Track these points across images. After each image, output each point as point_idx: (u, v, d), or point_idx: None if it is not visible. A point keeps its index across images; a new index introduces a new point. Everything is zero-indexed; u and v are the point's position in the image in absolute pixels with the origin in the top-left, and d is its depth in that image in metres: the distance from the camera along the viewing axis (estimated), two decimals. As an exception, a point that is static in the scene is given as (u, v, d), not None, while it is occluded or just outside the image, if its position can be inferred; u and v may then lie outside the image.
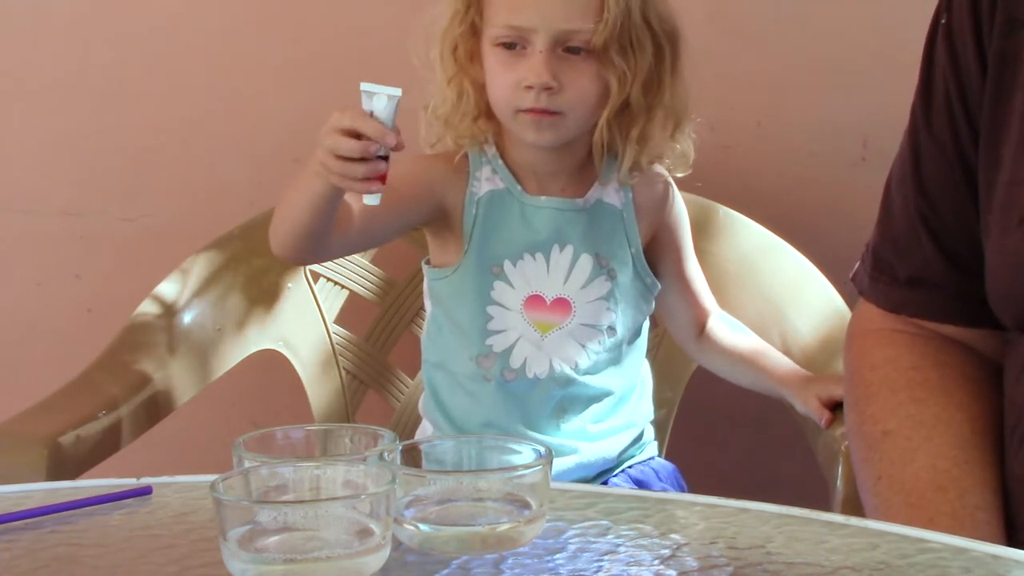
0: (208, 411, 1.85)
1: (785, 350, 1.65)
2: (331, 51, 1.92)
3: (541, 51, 1.47)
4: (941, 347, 1.25)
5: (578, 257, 1.56)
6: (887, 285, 1.28)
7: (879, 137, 1.84)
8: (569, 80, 1.48)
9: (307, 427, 1.00)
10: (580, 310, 1.56)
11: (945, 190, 1.23)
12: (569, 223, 1.56)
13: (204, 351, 1.71)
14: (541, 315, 1.56)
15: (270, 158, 1.94)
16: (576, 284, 1.56)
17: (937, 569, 0.87)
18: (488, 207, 1.56)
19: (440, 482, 0.91)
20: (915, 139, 1.26)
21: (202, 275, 1.74)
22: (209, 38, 1.94)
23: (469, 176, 1.56)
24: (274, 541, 0.83)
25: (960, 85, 1.20)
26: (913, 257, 1.25)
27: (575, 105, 1.49)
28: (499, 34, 1.49)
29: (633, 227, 1.59)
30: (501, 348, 1.55)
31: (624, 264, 1.58)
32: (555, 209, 1.56)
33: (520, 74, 1.48)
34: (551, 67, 1.47)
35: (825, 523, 0.95)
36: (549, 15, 1.47)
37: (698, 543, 0.92)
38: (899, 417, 1.21)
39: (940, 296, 1.25)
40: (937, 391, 1.22)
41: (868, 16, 1.85)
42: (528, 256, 1.55)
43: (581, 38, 1.47)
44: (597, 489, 1.04)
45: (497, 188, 1.56)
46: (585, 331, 1.56)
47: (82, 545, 0.94)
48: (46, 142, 1.98)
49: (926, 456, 1.18)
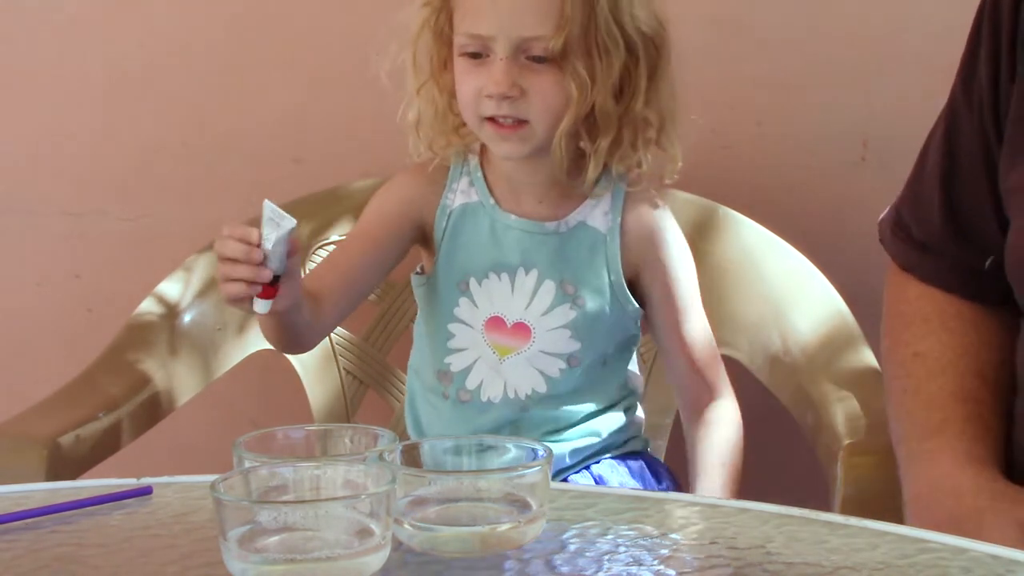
0: (208, 411, 1.85)
1: (785, 350, 1.65)
2: (331, 51, 1.92)
3: (502, 59, 1.42)
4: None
5: (542, 282, 1.51)
6: (903, 243, 1.33)
7: (879, 137, 1.84)
8: (532, 87, 1.43)
9: (307, 427, 1.00)
10: (540, 337, 1.51)
11: (972, 162, 1.26)
12: (537, 246, 1.51)
13: (204, 351, 1.71)
14: (501, 338, 1.52)
15: (270, 158, 1.94)
16: (537, 310, 1.51)
17: (937, 569, 0.87)
18: (459, 221, 1.52)
19: (440, 482, 0.91)
20: (952, 107, 1.28)
21: (203, 275, 1.74)
22: (209, 38, 1.94)
23: (445, 187, 1.53)
24: (274, 541, 0.83)
25: (997, 59, 1.21)
26: (925, 221, 1.30)
27: (540, 114, 1.44)
28: (463, 43, 1.45)
29: (616, 254, 1.51)
30: (458, 368, 1.53)
31: (597, 292, 1.51)
32: (524, 231, 1.51)
33: (482, 82, 1.44)
34: (511, 75, 1.42)
35: (825, 523, 0.95)
36: (508, 23, 1.43)
37: (698, 543, 0.92)
38: (930, 342, 1.27)
39: (940, 263, 1.30)
40: (968, 324, 1.27)
41: (868, 17, 1.85)
42: (494, 275, 1.52)
43: (541, 46, 1.42)
44: (597, 489, 1.04)
45: (470, 201, 1.53)
46: (544, 359, 1.51)
47: (82, 545, 0.94)
48: (46, 142, 1.98)
49: (953, 375, 1.23)
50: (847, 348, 1.61)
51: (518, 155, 1.47)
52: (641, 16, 1.46)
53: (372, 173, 1.88)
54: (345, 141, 1.92)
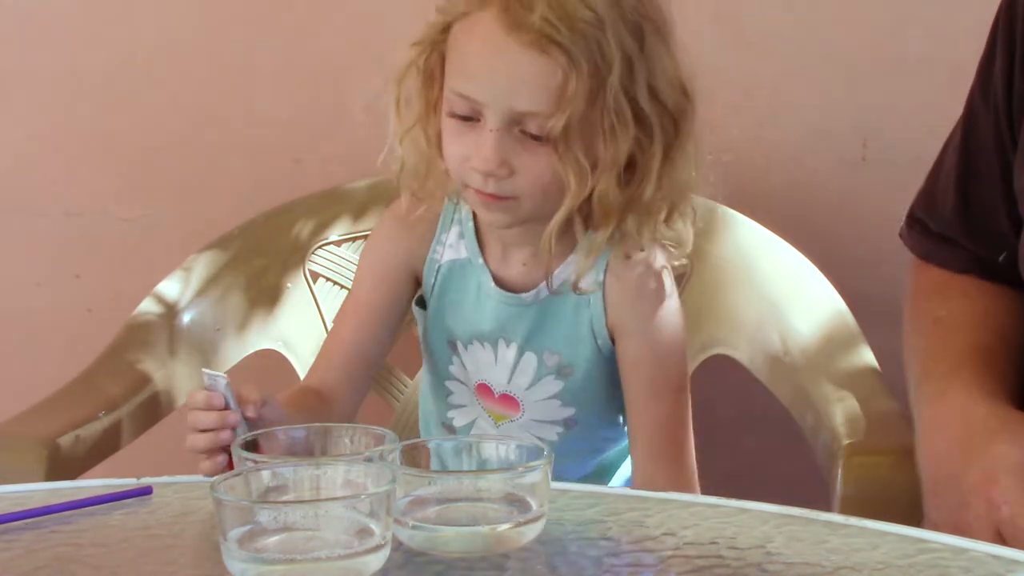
0: (208, 411, 1.85)
1: (785, 350, 1.65)
2: (331, 51, 1.92)
3: (492, 130, 1.26)
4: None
5: (522, 355, 1.39)
6: (920, 235, 1.35)
7: (879, 137, 1.84)
8: (522, 165, 1.27)
9: (307, 427, 1.01)
10: (529, 408, 1.41)
11: (987, 162, 1.27)
12: (513, 319, 1.39)
13: (204, 351, 1.71)
14: (492, 405, 1.43)
15: (270, 158, 1.94)
16: (521, 384, 1.40)
17: (937, 569, 0.87)
18: (447, 278, 1.42)
19: (440, 482, 0.91)
20: (970, 107, 1.29)
21: (202, 275, 1.74)
22: (209, 38, 1.94)
23: (435, 238, 1.42)
24: (274, 541, 0.83)
25: (1012, 59, 1.22)
26: (940, 218, 1.32)
27: (528, 191, 1.29)
28: (452, 100, 1.29)
29: (600, 316, 1.37)
30: (460, 424, 1.46)
31: (585, 358, 1.38)
32: (501, 301, 1.39)
33: (469, 150, 1.28)
34: (501, 151, 1.26)
35: (825, 523, 0.95)
36: (501, 92, 1.26)
37: (698, 543, 0.92)
38: (949, 307, 1.28)
39: (957, 253, 1.32)
40: (988, 294, 1.29)
41: (868, 17, 1.85)
42: (477, 343, 1.41)
43: (537, 123, 1.26)
44: (597, 489, 1.04)
45: (459, 257, 1.41)
46: (538, 426, 1.41)
47: (82, 545, 0.94)
48: (46, 142, 1.98)
49: (971, 332, 1.24)
50: (847, 348, 1.61)
51: (502, 225, 1.35)
52: (661, 87, 1.30)
53: (372, 173, 1.87)
54: (345, 141, 1.92)
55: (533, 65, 1.25)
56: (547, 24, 1.24)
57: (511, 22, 1.25)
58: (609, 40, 1.25)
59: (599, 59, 1.25)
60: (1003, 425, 1.12)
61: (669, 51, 1.31)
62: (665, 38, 1.31)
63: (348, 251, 1.81)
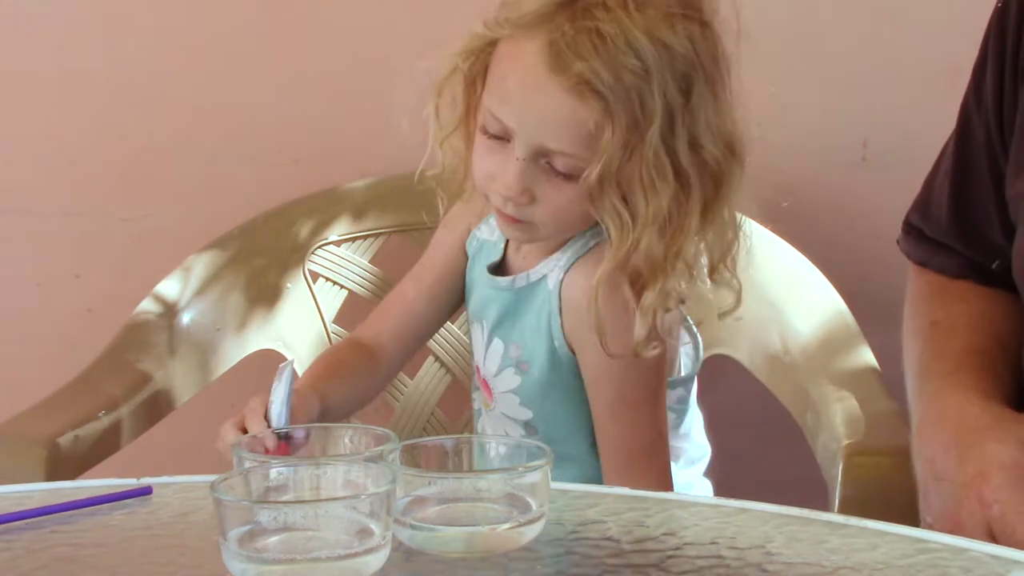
0: (208, 411, 1.85)
1: (785, 350, 1.65)
2: (331, 51, 1.92)
3: (518, 158, 1.25)
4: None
5: (491, 341, 1.38)
6: (916, 241, 1.35)
7: (879, 137, 1.84)
8: (544, 196, 1.26)
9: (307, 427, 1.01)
10: (498, 399, 1.38)
11: (980, 168, 1.28)
12: (489, 303, 1.38)
13: (204, 351, 1.71)
14: (482, 389, 1.42)
15: (270, 158, 1.94)
16: (491, 370, 1.39)
17: (937, 569, 0.87)
18: (475, 255, 1.43)
19: (440, 482, 0.91)
20: (964, 113, 1.30)
21: (202, 275, 1.74)
22: (209, 38, 1.94)
23: (485, 218, 1.42)
24: (274, 541, 0.83)
25: (1003, 65, 1.23)
26: (934, 224, 1.32)
27: (547, 221, 1.28)
28: (485, 118, 1.28)
29: (556, 318, 1.33)
30: (475, 407, 1.46)
31: (541, 359, 1.34)
32: (484, 283, 1.39)
33: (495, 169, 1.27)
34: (524, 179, 1.25)
35: (825, 523, 0.95)
36: (532, 126, 1.24)
37: (698, 543, 0.92)
38: (946, 310, 1.28)
39: (952, 259, 1.32)
40: (984, 298, 1.29)
41: (868, 17, 1.85)
42: (475, 323, 1.42)
43: (563, 162, 1.24)
44: (597, 489, 1.04)
45: (490, 238, 1.41)
46: (506, 422, 1.39)
47: (82, 545, 0.94)
48: (46, 142, 1.98)
49: (968, 335, 1.24)
50: (847, 348, 1.61)
51: (519, 241, 1.35)
52: (704, 141, 1.26)
53: (372, 173, 1.88)
54: (345, 141, 1.92)
55: (569, 109, 1.23)
56: (589, 72, 1.21)
57: (555, 64, 1.23)
58: (654, 91, 1.22)
59: (639, 111, 1.22)
60: (996, 423, 1.12)
61: (718, 103, 1.28)
62: (716, 88, 1.28)
63: (348, 251, 1.81)
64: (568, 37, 1.22)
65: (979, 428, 1.12)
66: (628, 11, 1.23)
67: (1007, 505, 1.04)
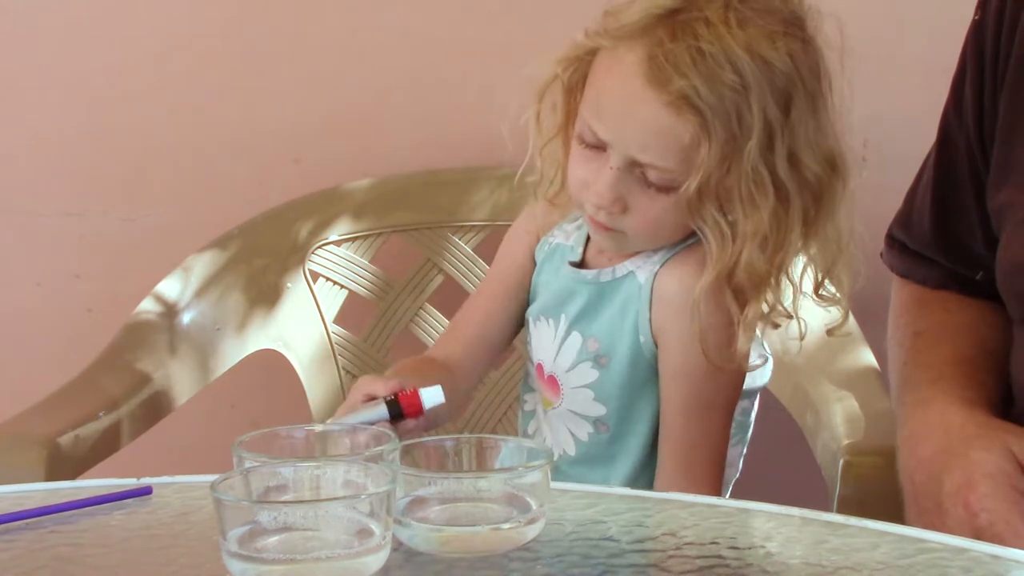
0: (208, 411, 1.85)
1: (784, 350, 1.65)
2: (331, 51, 1.92)
3: (612, 168, 1.25)
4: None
5: (569, 334, 1.36)
6: (899, 253, 1.36)
7: (879, 137, 1.84)
8: (637, 206, 1.26)
9: (307, 427, 1.01)
10: (567, 395, 1.36)
11: (961, 180, 1.28)
12: (570, 295, 1.36)
13: (204, 351, 1.71)
14: (543, 388, 1.40)
15: (270, 158, 1.94)
16: (563, 365, 1.36)
17: (937, 569, 0.87)
18: (547, 259, 1.40)
19: (440, 482, 0.91)
20: (945, 125, 1.31)
21: (202, 274, 1.74)
22: (209, 38, 1.94)
23: (560, 223, 1.41)
24: (274, 541, 0.83)
25: (982, 80, 1.23)
26: (917, 236, 1.33)
27: (639, 231, 1.28)
28: (581, 128, 1.28)
29: (645, 313, 1.32)
30: (527, 408, 1.43)
31: (623, 354, 1.33)
32: (566, 276, 1.37)
33: (590, 177, 1.27)
34: (617, 189, 1.25)
35: (825, 523, 0.95)
36: (627, 139, 1.24)
37: (698, 543, 0.92)
38: (929, 321, 1.29)
39: (935, 271, 1.33)
40: (967, 306, 1.29)
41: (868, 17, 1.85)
42: (543, 319, 1.38)
43: (657, 175, 1.24)
44: (597, 489, 1.04)
45: (564, 243, 1.40)
46: (574, 419, 1.37)
47: (82, 545, 0.94)
48: (46, 142, 1.98)
49: (952, 345, 1.25)
50: (847, 348, 1.61)
51: (610, 250, 1.34)
52: (803, 157, 1.25)
53: (372, 173, 1.88)
54: (345, 141, 1.92)
55: (666, 124, 1.23)
56: (688, 87, 1.21)
57: (654, 78, 1.23)
58: (752, 106, 1.22)
59: (736, 126, 1.23)
60: (981, 431, 1.12)
61: (819, 119, 1.28)
62: (816, 104, 1.27)
63: (348, 251, 1.81)
64: (668, 51, 1.22)
65: (964, 437, 1.12)
66: (729, 27, 1.23)
67: (994, 514, 1.04)
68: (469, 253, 1.83)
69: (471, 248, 1.83)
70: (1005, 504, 1.04)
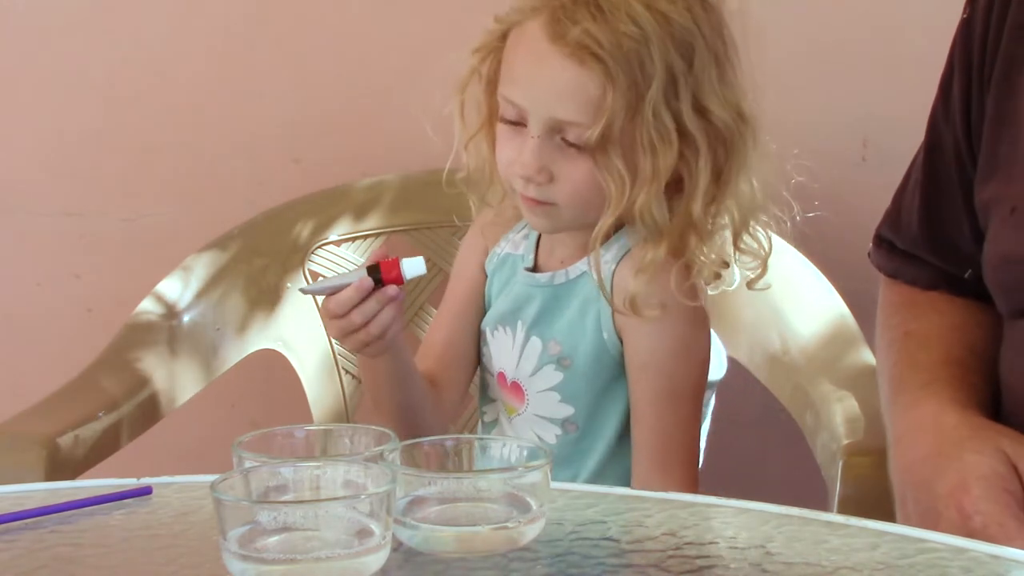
0: (208, 411, 1.85)
1: (784, 350, 1.65)
2: (331, 51, 1.92)
3: (533, 137, 1.30)
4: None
5: (528, 339, 1.39)
6: (887, 253, 1.35)
7: (879, 137, 1.84)
8: (562, 173, 1.30)
9: (307, 427, 1.00)
10: (532, 399, 1.39)
11: (949, 177, 1.28)
12: (527, 300, 1.39)
13: (204, 351, 1.71)
14: (506, 395, 1.43)
15: (270, 158, 1.94)
16: (526, 370, 1.39)
17: (937, 569, 0.87)
18: (497, 270, 1.45)
19: (440, 482, 0.91)
20: (933, 124, 1.30)
21: (202, 275, 1.74)
22: (209, 38, 1.94)
23: (504, 237, 1.46)
24: (274, 541, 0.83)
25: (970, 79, 1.23)
26: (906, 234, 1.32)
27: (568, 200, 1.31)
28: (502, 104, 1.33)
29: (607, 309, 1.35)
30: (488, 419, 1.46)
31: (587, 353, 1.36)
32: (521, 282, 1.41)
33: (514, 155, 1.32)
34: (541, 157, 1.29)
35: (825, 523, 0.95)
36: (541, 100, 1.29)
37: (698, 543, 0.92)
38: (920, 322, 1.28)
39: (924, 270, 1.32)
40: (957, 307, 1.29)
41: (868, 17, 1.85)
42: (500, 328, 1.42)
43: (575, 133, 1.28)
44: (597, 489, 1.04)
45: (513, 253, 1.44)
46: (540, 422, 1.39)
47: (82, 545, 0.94)
48: (46, 142, 1.98)
49: (942, 346, 1.24)
50: (846, 348, 1.61)
51: (545, 231, 1.39)
52: (710, 107, 1.30)
53: (372, 173, 1.88)
54: (345, 141, 1.92)
55: (571, 76, 1.28)
56: (587, 37, 1.27)
57: (554, 33, 1.29)
58: (652, 56, 1.27)
59: (639, 74, 1.27)
60: (973, 433, 1.12)
61: (723, 73, 1.32)
62: (720, 60, 1.32)
63: (348, 251, 1.81)
64: (568, 10, 1.29)
65: (957, 439, 1.12)
66: None
67: (988, 517, 1.04)
68: (469, 253, 1.83)
69: (471, 248, 1.83)
70: (998, 506, 1.04)
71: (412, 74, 1.91)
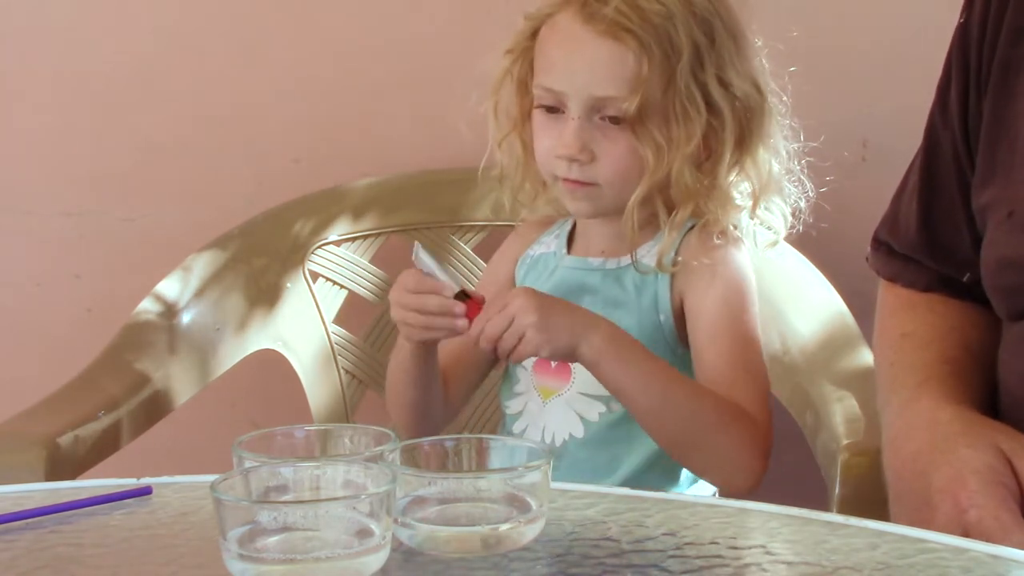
0: (208, 411, 1.85)
1: (784, 350, 1.65)
2: (331, 51, 1.92)
3: (574, 119, 1.37)
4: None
5: None
6: (885, 256, 1.36)
7: (879, 137, 1.84)
8: (603, 151, 1.37)
9: (307, 427, 1.01)
10: (579, 376, 1.42)
11: (947, 181, 1.28)
12: (582, 281, 1.45)
13: (204, 351, 1.71)
14: (546, 379, 1.45)
15: (270, 158, 1.94)
16: None
17: (937, 569, 0.87)
18: (531, 270, 1.49)
19: (440, 482, 0.91)
20: (931, 128, 1.31)
21: (202, 275, 1.74)
22: (209, 38, 1.94)
23: (539, 239, 1.51)
24: (274, 541, 0.83)
25: (967, 82, 1.23)
26: (903, 238, 1.33)
27: (610, 178, 1.38)
28: (539, 95, 1.40)
29: (665, 292, 1.42)
30: (512, 411, 1.48)
31: (642, 333, 1.39)
32: (572, 267, 1.46)
33: (554, 140, 1.38)
34: (583, 137, 1.37)
35: (825, 523, 0.95)
36: (580, 80, 1.37)
37: (698, 543, 0.92)
38: (917, 322, 1.29)
39: (922, 274, 1.32)
40: (954, 308, 1.30)
41: (868, 18, 1.85)
42: None
43: (615, 107, 1.36)
44: (597, 489, 1.04)
45: (546, 252, 1.49)
46: (583, 401, 1.43)
47: (82, 545, 0.94)
48: (46, 142, 1.98)
49: (939, 347, 1.25)
50: (846, 348, 1.61)
51: (587, 215, 1.44)
52: (732, 79, 1.39)
53: (372, 173, 1.88)
54: (345, 141, 1.92)
55: (607, 52, 1.36)
56: (619, 14, 1.35)
57: (587, 15, 1.37)
58: (679, 31, 1.37)
59: (669, 47, 1.36)
60: (968, 428, 1.12)
61: (740, 50, 1.42)
62: (737, 39, 1.42)
63: (348, 251, 1.81)
64: None
65: (951, 434, 1.12)
66: None
67: (984, 510, 1.04)
68: (469, 253, 1.83)
69: (471, 248, 1.83)
70: (994, 500, 1.04)
71: (412, 74, 1.91)
